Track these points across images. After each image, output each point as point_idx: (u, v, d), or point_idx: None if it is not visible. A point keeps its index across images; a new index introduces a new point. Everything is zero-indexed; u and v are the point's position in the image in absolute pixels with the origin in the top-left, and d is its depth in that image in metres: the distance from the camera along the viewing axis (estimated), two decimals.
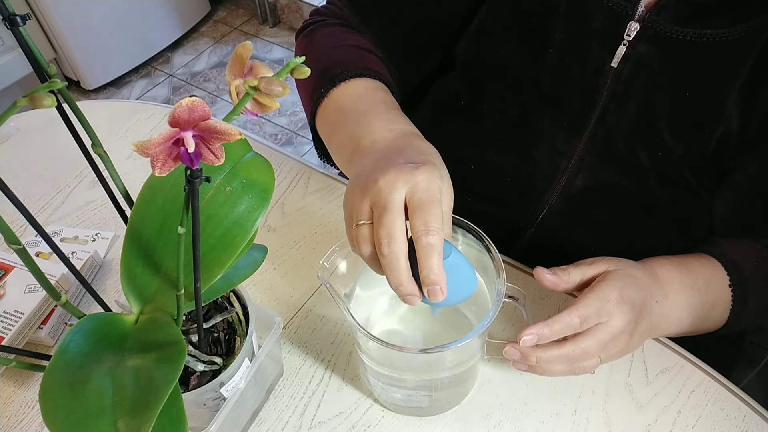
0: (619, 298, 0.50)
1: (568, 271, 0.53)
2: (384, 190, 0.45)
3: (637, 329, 0.52)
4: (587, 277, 0.53)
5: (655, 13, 0.56)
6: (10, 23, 0.26)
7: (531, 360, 0.51)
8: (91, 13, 1.98)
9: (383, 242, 0.43)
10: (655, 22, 0.56)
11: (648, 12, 0.57)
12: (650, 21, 0.56)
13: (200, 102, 0.27)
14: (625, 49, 0.58)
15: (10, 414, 0.56)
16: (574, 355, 0.50)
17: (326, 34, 0.70)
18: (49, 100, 0.24)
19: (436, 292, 0.43)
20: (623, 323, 0.50)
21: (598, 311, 0.50)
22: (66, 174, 0.76)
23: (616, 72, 0.59)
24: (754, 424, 0.54)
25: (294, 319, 0.62)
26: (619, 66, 0.58)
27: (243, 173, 0.41)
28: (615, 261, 0.54)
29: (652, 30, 0.57)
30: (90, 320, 0.38)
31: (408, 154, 0.48)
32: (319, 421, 0.55)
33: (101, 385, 0.34)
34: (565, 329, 0.50)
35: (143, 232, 0.41)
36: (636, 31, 0.57)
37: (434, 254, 0.43)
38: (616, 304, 0.50)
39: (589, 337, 0.50)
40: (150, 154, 0.27)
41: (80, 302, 0.64)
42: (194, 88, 2.17)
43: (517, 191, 0.67)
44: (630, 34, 0.57)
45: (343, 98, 0.60)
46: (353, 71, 0.61)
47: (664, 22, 0.56)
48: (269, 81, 0.30)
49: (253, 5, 2.37)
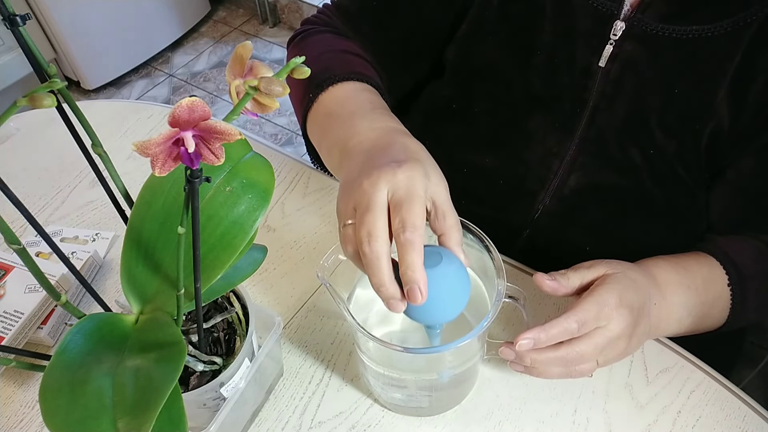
0: (618, 302, 0.50)
1: (567, 275, 0.53)
2: (367, 191, 0.44)
3: (635, 332, 0.52)
4: (586, 281, 0.53)
5: (640, 11, 0.56)
6: (10, 23, 0.26)
7: (526, 361, 0.51)
8: (91, 13, 1.98)
9: (364, 241, 0.43)
10: (641, 20, 0.57)
11: (633, 11, 0.57)
12: (636, 20, 0.57)
13: (200, 102, 0.27)
14: (612, 49, 0.58)
15: (10, 414, 0.56)
16: (570, 358, 0.50)
17: (315, 41, 0.70)
18: (49, 100, 0.24)
19: (414, 292, 0.42)
20: (621, 327, 0.50)
21: (597, 316, 0.50)
22: (66, 174, 0.76)
23: (605, 71, 0.59)
24: (754, 424, 0.54)
25: (294, 319, 0.62)
26: (606, 65, 0.59)
27: (243, 173, 0.41)
28: (614, 264, 0.54)
29: (638, 28, 0.57)
30: (90, 320, 0.38)
31: (392, 152, 0.48)
32: (319, 421, 0.55)
33: (101, 385, 0.34)
34: (563, 334, 0.50)
35: (143, 232, 0.41)
36: (622, 30, 0.57)
37: (412, 251, 0.42)
38: (615, 308, 0.50)
39: (585, 341, 0.50)
40: (150, 154, 0.27)
41: (80, 302, 0.64)
42: (194, 88, 2.17)
43: (511, 193, 0.67)
44: (616, 34, 0.58)
45: (330, 102, 0.61)
46: (340, 75, 0.61)
47: (649, 20, 0.56)
48: (269, 81, 0.30)
49: (253, 5, 2.37)
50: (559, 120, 0.63)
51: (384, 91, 0.65)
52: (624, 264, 0.54)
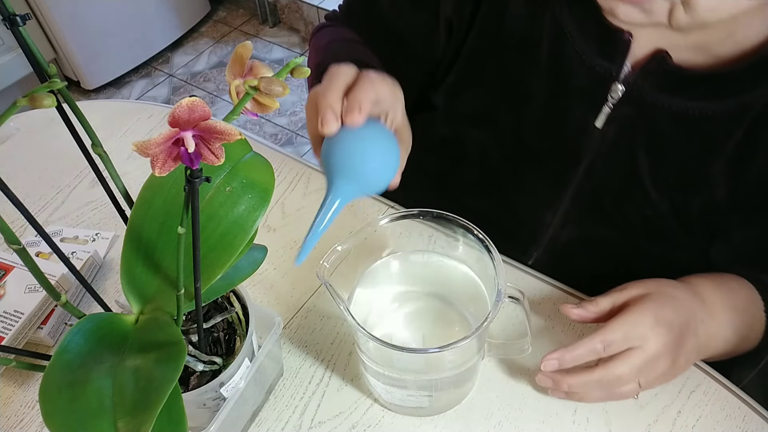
0: (653, 321, 0.50)
1: (596, 301, 0.53)
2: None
3: (682, 351, 0.51)
4: (619, 303, 0.53)
5: (640, 78, 0.54)
6: (10, 23, 0.26)
7: (562, 387, 0.51)
8: (91, 13, 1.98)
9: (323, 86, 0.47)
10: (641, 87, 0.55)
11: (633, 74, 0.55)
12: (636, 85, 0.55)
13: (200, 102, 0.27)
14: (610, 111, 0.56)
15: (10, 414, 0.56)
16: (607, 381, 0.50)
17: (327, 32, 0.71)
18: (49, 100, 0.24)
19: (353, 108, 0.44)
20: (659, 346, 0.50)
21: (625, 336, 0.50)
22: (66, 174, 0.76)
23: (601, 132, 0.58)
24: (754, 424, 0.54)
25: (294, 319, 0.62)
26: (603, 127, 0.57)
27: (243, 173, 0.41)
28: (650, 283, 0.53)
29: (637, 96, 0.55)
30: (90, 320, 0.38)
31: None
32: (319, 421, 0.55)
33: (101, 385, 0.34)
34: (588, 354, 0.50)
35: (143, 232, 0.41)
36: (621, 93, 0.55)
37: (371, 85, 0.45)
38: (650, 328, 0.50)
39: (621, 362, 0.50)
40: (150, 154, 0.27)
41: (80, 302, 0.64)
42: (194, 88, 2.17)
43: (503, 241, 0.66)
44: (614, 97, 0.56)
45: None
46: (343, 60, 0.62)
47: (649, 88, 0.54)
48: (269, 81, 0.29)
49: (253, 5, 2.37)
50: (553, 173, 0.62)
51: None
52: (661, 281, 0.54)
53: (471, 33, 0.61)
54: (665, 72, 0.53)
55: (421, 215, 0.53)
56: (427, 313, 0.54)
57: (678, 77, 0.53)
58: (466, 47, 0.62)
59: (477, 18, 0.60)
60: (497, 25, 0.59)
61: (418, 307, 0.55)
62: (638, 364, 0.50)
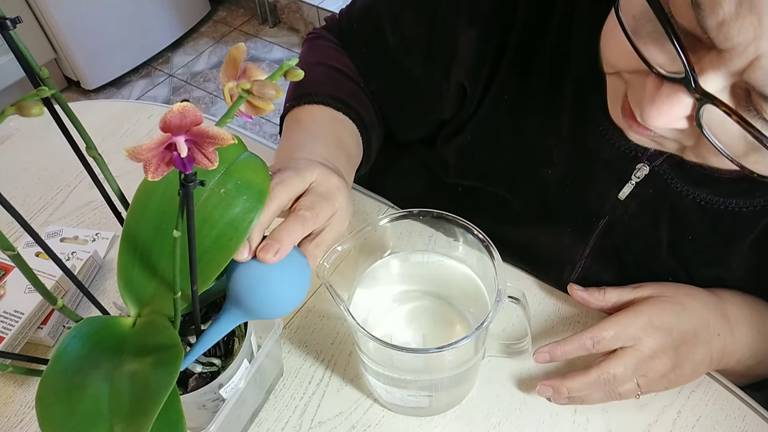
0: (646, 324, 0.50)
1: (604, 290, 0.53)
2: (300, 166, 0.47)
3: (686, 357, 0.51)
4: (624, 300, 0.53)
5: (666, 164, 0.52)
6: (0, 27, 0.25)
7: (562, 392, 0.52)
8: (91, 13, 1.98)
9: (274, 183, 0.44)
10: (666, 172, 0.53)
11: (661, 157, 0.52)
12: (662, 169, 0.53)
13: (191, 107, 0.26)
14: (633, 188, 0.55)
15: (10, 414, 0.56)
16: (603, 380, 0.50)
17: (320, 49, 0.70)
18: (37, 109, 0.24)
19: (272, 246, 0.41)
20: (653, 347, 0.50)
21: (616, 335, 0.50)
22: (66, 174, 0.76)
23: (623, 204, 0.56)
24: (754, 424, 0.54)
25: (294, 319, 0.62)
26: (626, 200, 0.55)
27: (238, 174, 0.40)
28: (665, 287, 0.53)
29: (661, 179, 0.53)
30: (87, 324, 0.38)
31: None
32: (319, 421, 0.55)
33: (98, 390, 0.34)
34: (578, 349, 0.51)
35: (139, 234, 0.41)
36: (645, 174, 0.53)
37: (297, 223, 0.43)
38: (642, 330, 0.50)
39: (614, 361, 0.50)
40: (142, 159, 0.27)
41: (80, 302, 0.64)
42: (194, 88, 2.17)
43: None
44: (638, 176, 0.54)
45: (303, 115, 0.62)
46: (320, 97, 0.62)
47: (675, 176, 0.52)
48: (262, 84, 0.29)
49: (253, 5, 2.37)
50: (571, 232, 0.60)
51: (364, 120, 0.64)
52: (682, 287, 0.54)
53: (487, 97, 0.59)
54: (691, 167, 0.51)
55: (421, 215, 0.52)
56: (427, 313, 0.54)
57: (704, 175, 0.51)
58: (481, 110, 0.60)
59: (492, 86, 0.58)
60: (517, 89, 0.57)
61: (418, 307, 0.55)
62: (633, 363, 0.50)
